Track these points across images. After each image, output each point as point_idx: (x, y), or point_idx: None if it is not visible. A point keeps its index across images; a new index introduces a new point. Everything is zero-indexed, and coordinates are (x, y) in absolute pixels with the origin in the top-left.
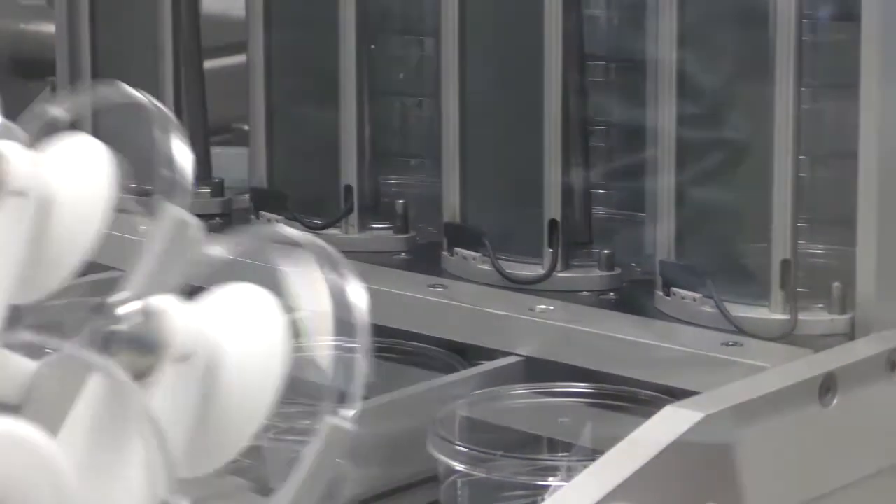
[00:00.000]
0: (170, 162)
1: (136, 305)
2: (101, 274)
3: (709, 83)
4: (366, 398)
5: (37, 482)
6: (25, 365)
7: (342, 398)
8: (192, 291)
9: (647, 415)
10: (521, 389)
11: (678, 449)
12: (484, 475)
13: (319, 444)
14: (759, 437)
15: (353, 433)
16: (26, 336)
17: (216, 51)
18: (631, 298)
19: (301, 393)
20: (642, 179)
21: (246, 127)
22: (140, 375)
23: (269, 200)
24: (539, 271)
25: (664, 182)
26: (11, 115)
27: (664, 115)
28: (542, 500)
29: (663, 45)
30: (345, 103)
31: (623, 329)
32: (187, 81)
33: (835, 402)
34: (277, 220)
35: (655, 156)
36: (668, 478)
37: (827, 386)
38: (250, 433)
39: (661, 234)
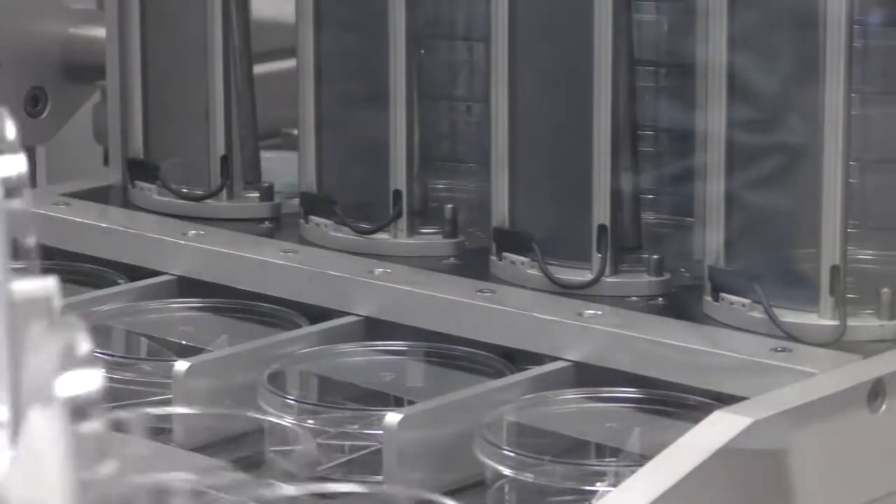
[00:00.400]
0: None
1: None
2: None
3: (758, 88)
4: (414, 402)
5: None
6: None
7: None
8: None
9: (696, 420)
10: (569, 394)
11: (726, 454)
12: (531, 480)
13: None
14: (808, 443)
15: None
16: None
17: (266, 55)
18: (680, 304)
19: (347, 397)
20: (692, 184)
21: (295, 131)
22: None
23: (318, 205)
24: (588, 276)
25: (713, 187)
26: (62, 120)
27: (714, 120)
28: None
29: (714, 50)
30: (394, 108)
31: (671, 334)
32: (237, 85)
33: (883, 407)
34: (327, 224)
35: (704, 161)
36: (716, 483)
37: (875, 392)
38: None
39: (711, 240)
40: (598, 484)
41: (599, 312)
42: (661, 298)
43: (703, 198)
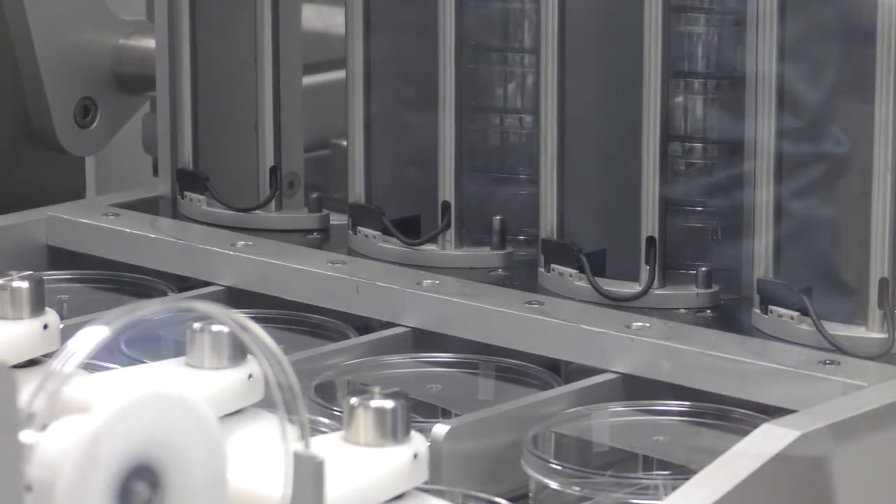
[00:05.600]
0: None
1: None
2: (199, 290)
3: (807, 98)
4: (460, 415)
5: (191, 436)
6: None
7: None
8: None
9: (743, 433)
10: (617, 407)
11: (774, 467)
12: (578, 493)
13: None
14: (856, 456)
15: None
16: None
17: (315, 66)
18: (728, 316)
19: None
20: (740, 196)
21: (344, 143)
22: None
23: (366, 216)
24: (636, 288)
25: (762, 199)
26: (112, 130)
27: (763, 131)
28: None
29: (763, 61)
30: (444, 119)
31: (720, 347)
32: (286, 96)
33: None
34: (374, 236)
35: (753, 172)
36: (763, 496)
37: None
38: None
39: (759, 252)
40: (646, 497)
41: (647, 325)
42: (709, 311)
43: (752, 210)
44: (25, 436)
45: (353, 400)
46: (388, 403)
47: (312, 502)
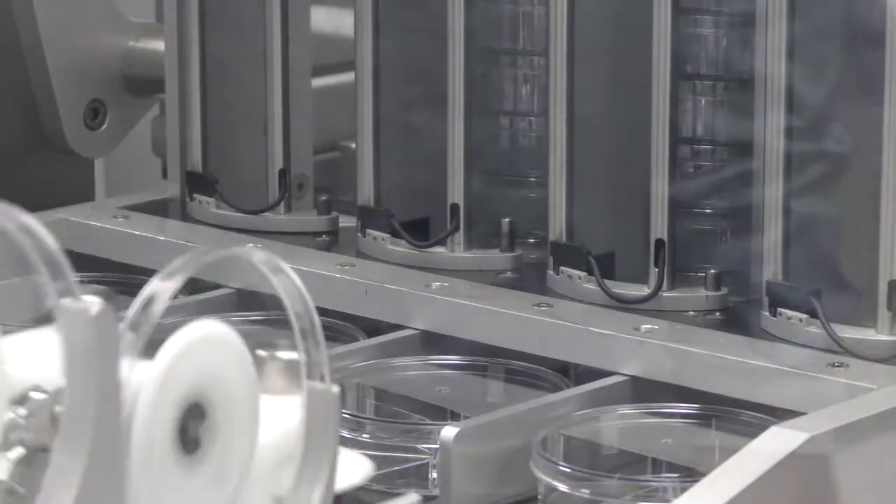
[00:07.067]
0: None
1: None
2: (208, 293)
3: (816, 100)
4: (469, 417)
5: (233, 373)
6: None
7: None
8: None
9: (752, 435)
10: (626, 409)
11: (783, 469)
12: (587, 496)
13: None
14: (864, 458)
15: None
16: None
17: (324, 69)
18: (737, 318)
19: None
20: (749, 198)
21: (353, 145)
22: None
23: (375, 218)
24: (645, 291)
25: (771, 201)
26: (122, 133)
27: (771, 133)
28: None
29: (771, 62)
30: (452, 122)
31: (728, 349)
32: (295, 98)
33: None
34: (383, 238)
35: (762, 174)
36: (772, 498)
37: None
38: None
39: (768, 254)
40: (654, 500)
41: (656, 327)
42: (718, 313)
43: (761, 212)
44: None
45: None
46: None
47: (328, 433)
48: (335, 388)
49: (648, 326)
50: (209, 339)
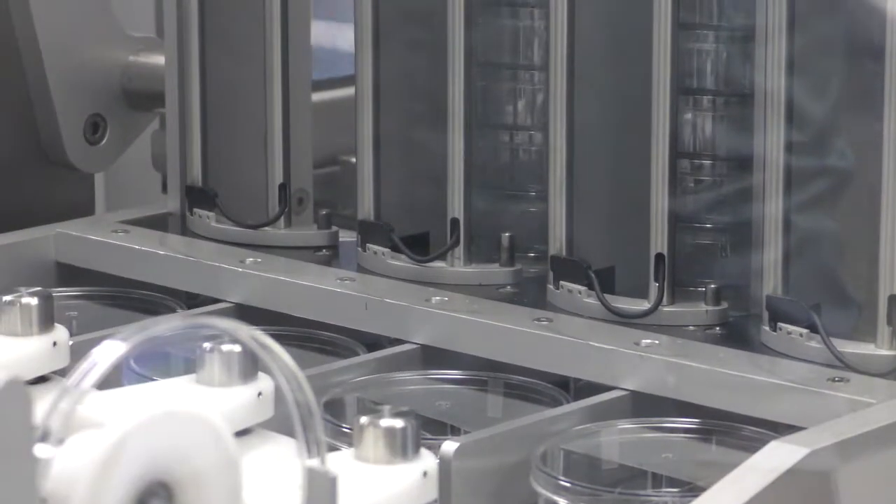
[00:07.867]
0: None
1: None
2: (208, 307)
3: (816, 114)
4: (469, 432)
5: (207, 453)
6: None
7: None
8: None
9: (752, 450)
10: (626, 424)
11: (783, 484)
12: None
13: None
14: (864, 473)
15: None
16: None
17: (324, 83)
18: (737, 333)
19: None
20: (749, 213)
21: (353, 159)
22: None
23: (375, 233)
24: (645, 305)
25: (771, 215)
26: (121, 147)
27: (771, 147)
28: None
29: (771, 77)
30: (453, 136)
31: (728, 364)
32: (295, 112)
33: None
34: (383, 253)
35: (762, 189)
36: None
37: None
38: None
39: (768, 268)
40: None
41: (657, 342)
42: (718, 328)
43: (761, 227)
44: (41, 451)
45: (364, 419)
46: (398, 422)
47: None
48: (333, 472)
49: (649, 341)
50: (171, 418)
